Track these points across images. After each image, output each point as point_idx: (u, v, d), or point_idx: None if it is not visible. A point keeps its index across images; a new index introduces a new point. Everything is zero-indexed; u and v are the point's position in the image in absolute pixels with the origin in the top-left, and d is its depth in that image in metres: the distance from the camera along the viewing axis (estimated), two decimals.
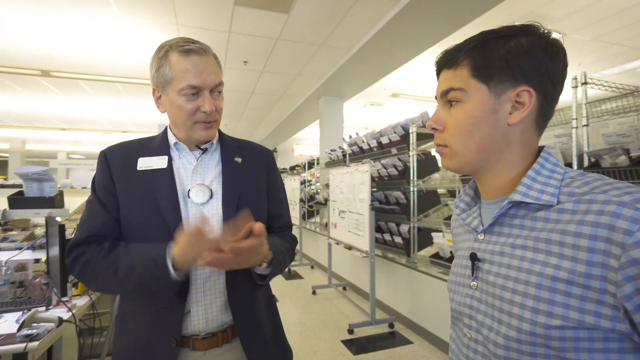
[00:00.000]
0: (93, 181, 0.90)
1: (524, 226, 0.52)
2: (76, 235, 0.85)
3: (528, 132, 0.54)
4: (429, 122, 0.59)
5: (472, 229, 0.61)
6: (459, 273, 0.62)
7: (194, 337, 0.84)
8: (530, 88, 0.51)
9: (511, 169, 0.55)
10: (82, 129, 8.74)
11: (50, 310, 1.76)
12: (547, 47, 0.51)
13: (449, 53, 0.56)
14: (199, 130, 0.86)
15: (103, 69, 4.93)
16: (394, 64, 4.62)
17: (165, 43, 0.85)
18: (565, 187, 0.50)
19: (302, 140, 12.17)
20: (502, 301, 0.51)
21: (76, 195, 2.11)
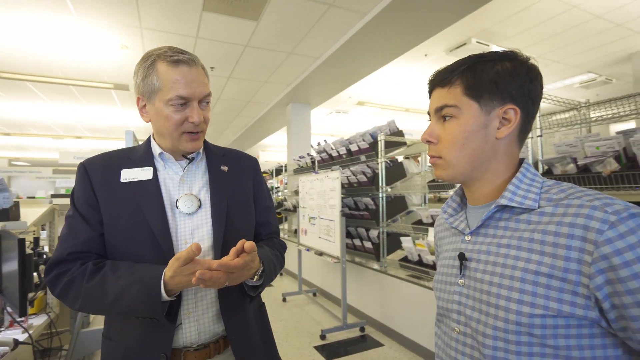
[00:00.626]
0: (72, 195, 0.86)
1: (508, 227, 0.58)
2: (57, 252, 0.81)
3: (511, 145, 0.61)
4: (424, 135, 0.64)
5: (459, 231, 0.67)
6: (446, 273, 0.67)
7: (186, 350, 0.83)
8: (516, 106, 0.58)
9: (497, 178, 0.62)
10: (28, 134, 8.06)
11: (2, 332, 1.62)
12: (529, 70, 0.59)
13: (442, 73, 0.62)
14: (186, 141, 0.86)
15: (55, 71, 4.61)
16: (360, 73, 4.76)
17: (152, 52, 0.84)
18: (545, 193, 0.57)
19: (268, 147, 12.08)
20: (490, 295, 0.56)
21: (33, 205, 1.95)
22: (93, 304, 0.77)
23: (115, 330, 0.86)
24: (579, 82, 5.80)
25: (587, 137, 1.72)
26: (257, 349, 0.92)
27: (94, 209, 0.83)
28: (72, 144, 10.07)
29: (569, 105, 1.94)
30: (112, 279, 0.76)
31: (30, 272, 1.43)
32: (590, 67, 5.20)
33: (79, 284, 0.76)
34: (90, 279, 0.76)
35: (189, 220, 0.87)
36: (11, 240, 1.45)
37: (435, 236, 0.80)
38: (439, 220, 0.78)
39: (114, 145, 10.43)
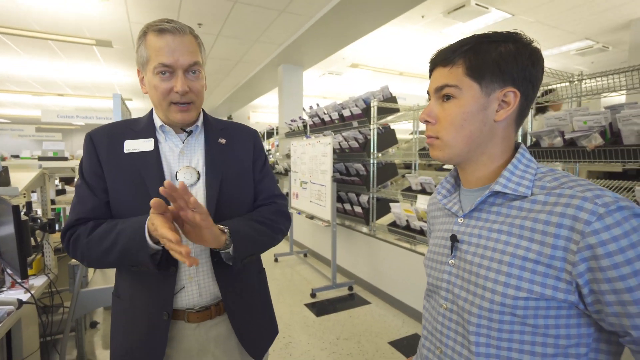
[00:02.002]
0: (80, 165, 0.90)
1: (500, 213, 0.60)
2: (67, 220, 0.87)
3: (509, 129, 0.61)
4: (422, 114, 0.64)
5: (452, 213, 0.68)
6: (437, 252, 0.70)
7: (189, 311, 0.89)
8: (516, 90, 0.58)
9: (492, 162, 0.62)
10: (5, 90, 7.69)
11: (5, 292, 1.67)
12: (532, 54, 0.58)
13: (444, 52, 0.61)
14: (174, 112, 0.86)
15: (31, 24, 4.33)
16: (354, 34, 4.60)
17: (147, 24, 0.84)
18: (538, 181, 0.58)
19: (258, 108, 11.84)
20: (478, 277, 0.58)
21: (21, 170, 1.93)
22: (94, 255, 0.82)
23: (123, 289, 0.92)
24: (575, 49, 5.72)
25: (576, 110, 1.75)
26: (252, 312, 0.98)
27: (99, 178, 0.87)
28: (55, 102, 9.68)
29: (562, 77, 1.94)
30: (107, 231, 0.81)
31: (28, 237, 1.46)
32: (587, 33, 5.11)
33: (82, 240, 0.83)
34: (90, 234, 0.83)
35: None
36: (4, 205, 1.45)
37: (428, 214, 0.82)
38: (432, 199, 0.80)
39: (99, 104, 10.08)
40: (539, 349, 0.54)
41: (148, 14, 4.09)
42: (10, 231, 1.46)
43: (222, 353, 0.93)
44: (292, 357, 2.27)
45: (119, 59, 5.91)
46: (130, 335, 0.89)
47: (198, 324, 0.90)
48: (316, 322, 2.75)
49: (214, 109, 11.09)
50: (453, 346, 0.63)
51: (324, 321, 2.76)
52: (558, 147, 1.74)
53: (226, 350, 0.94)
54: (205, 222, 0.74)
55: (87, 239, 0.83)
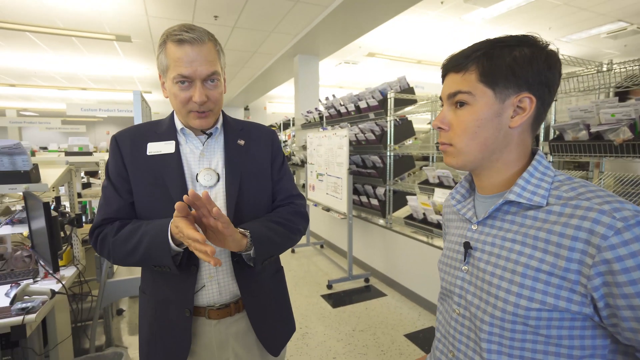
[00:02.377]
0: (107, 166, 0.95)
1: (514, 222, 0.59)
2: (95, 220, 0.92)
3: (524, 135, 0.60)
4: (435, 121, 0.63)
5: (466, 219, 0.67)
6: (451, 256, 0.69)
7: (210, 308, 0.93)
8: (531, 95, 0.56)
9: (508, 169, 0.61)
10: (33, 85, 7.98)
11: (39, 282, 1.77)
12: (548, 58, 0.56)
13: (456, 58, 0.60)
14: (193, 119, 0.89)
15: (55, 21, 4.45)
16: (371, 23, 4.51)
17: (167, 31, 0.85)
18: (554, 190, 0.57)
19: (274, 98, 11.85)
20: (490, 285, 0.58)
21: (50, 166, 2.02)
22: (119, 254, 0.87)
23: (148, 285, 0.97)
24: (606, 32, 5.42)
25: (603, 102, 1.67)
26: (270, 310, 1.01)
27: (124, 180, 0.91)
28: (78, 95, 9.99)
29: (589, 66, 1.86)
30: (131, 232, 0.85)
31: (58, 233, 1.53)
32: (620, 15, 4.83)
33: (109, 239, 0.87)
34: (116, 234, 0.87)
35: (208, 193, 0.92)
36: (35, 201, 1.53)
37: (443, 216, 0.82)
38: (447, 202, 0.79)
39: (120, 97, 10.33)
40: (552, 358, 0.53)
41: (165, 9, 4.13)
42: (42, 225, 1.54)
43: (242, 348, 0.97)
44: (308, 347, 2.32)
45: (138, 52, 6.01)
46: (156, 330, 0.93)
47: (218, 321, 0.94)
48: (332, 313, 2.79)
49: (230, 100, 11.18)
50: (465, 351, 0.63)
51: (340, 312, 2.80)
52: (583, 140, 1.68)
53: (245, 345, 0.97)
54: (228, 230, 0.77)
55: (113, 239, 0.87)
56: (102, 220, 0.90)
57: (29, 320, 1.44)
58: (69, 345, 1.93)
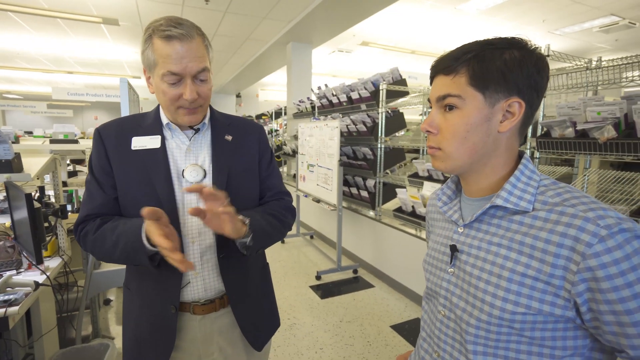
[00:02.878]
0: (90, 161, 0.92)
1: (500, 226, 0.59)
2: (79, 215, 0.90)
3: (512, 139, 0.60)
4: (424, 124, 0.62)
5: (452, 221, 0.67)
6: (437, 257, 0.69)
7: (194, 304, 0.93)
8: (520, 99, 0.56)
9: (495, 173, 0.61)
10: (17, 67, 7.73)
11: (22, 273, 1.75)
12: (537, 61, 0.56)
13: (446, 60, 0.59)
14: (182, 115, 0.87)
15: (39, 2, 4.29)
16: (365, 11, 4.44)
17: (152, 24, 0.82)
18: (540, 195, 0.57)
19: (267, 85, 11.70)
20: (477, 289, 0.58)
21: (33, 155, 1.97)
22: (99, 251, 0.87)
23: (132, 281, 0.96)
24: (599, 26, 5.43)
25: (590, 100, 1.69)
26: (255, 306, 1.02)
27: (107, 174, 0.89)
28: (65, 79, 9.72)
29: (578, 64, 1.86)
30: (109, 231, 0.85)
31: (41, 224, 1.51)
32: (614, 9, 4.84)
33: (90, 236, 0.87)
34: (96, 232, 0.86)
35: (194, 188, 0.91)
36: (17, 191, 1.50)
37: (427, 214, 0.82)
38: (432, 200, 0.79)
39: (109, 82, 10.08)
40: (535, 358, 0.55)
41: None
42: (24, 216, 1.51)
43: (226, 343, 0.98)
44: (295, 338, 2.35)
45: (126, 36, 5.85)
46: (141, 326, 0.93)
47: (203, 316, 0.94)
48: (320, 304, 2.82)
49: (222, 87, 11.00)
50: (451, 352, 0.64)
51: (328, 303, 2.83)
52: (569, 138, 1.69)
53: (230, 340, 0.98)
54: (232, 218, 0.77)
55: (92, 237, 0.86)
56: (85, 217, 0.89)
57: (11, 312, 1.43)
58: (55, 336, 1.92)
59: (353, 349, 2.24)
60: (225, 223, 0.77)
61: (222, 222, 0.77)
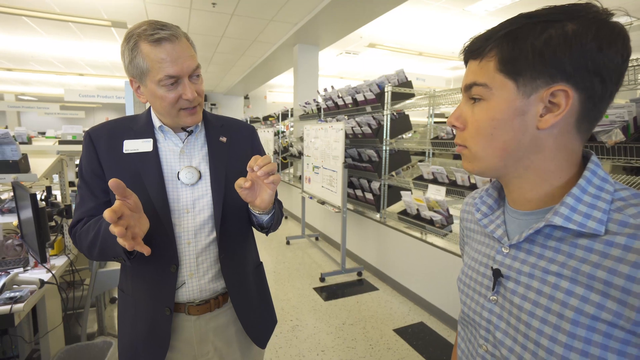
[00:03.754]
0: (80, 165, 0.92)
1: (559, 250, 0.46)
2: (72, 219, 0.92)
3: (566, 138, 0.46)
4: (450, 118, 0.53)
5: (495, 238, 0.56)
6: (475, 279, 0.58)
7: (189, 305, 0.93)
8: (569, 87, 0.43)
9: (546, 180, 0.48)
10: (31, 70, 7.90)
11: (29, 271, 1.78)
12: (599, 33, 0.41)
13: (476, 41, 0.49)
14: (185, 117, 0.87)
15: (51, 6, 4.38)
16: (372, 13, 4.44)
17: (133, 31, 0.81)
18: (617, 212, 0.43)
19: (275, 87, 11.75)
20: (529, 328, 0.47)
21: (40, 156, 2.02)
22: (85, 249, 0.88)
23: (126, 284, 0.97)
24: None
25: None
26: (254, 304, 1.03)
27: (99, 178, 0.89)
28: (77, 81, 9.91)
29: None
30: (92, 224, 0.86)
31: (46, 224, 1.53)
32: (628, 9, 4.73)
33: (78, 236, 0.89)
34: (81, 229, 0.89)
35: (190, 191, 0.92)
36: (24, 191, 1.53)
37: (461, 222, 0.69)
38: (467, 206, 0.67)
39: (119, 84, 10.24)
40: None
41: None
42: (30, 215, 1.54)
43: (221, 342, 0.98)
44: (297, 339, 2.35)
45: None
46: (135, 328, 0.94)
47: (198, 317, 0.94)
48: (324, 306, 2.81)
49: (230, 88, 11.08)
50: None
51: (331, 306, 2.82)
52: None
53: (225, 339, 0.99)
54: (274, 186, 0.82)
55: (79, 234, 0.89)
56: (77, 221, 0.91)
57: (16, 309, 1.45)
58: (60, 333, 1.95)
59: (355, 352, 2.22)
60: (264, 192, 0.83)
61: (262, 190, 0.83)
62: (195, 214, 0.91)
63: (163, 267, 0.89)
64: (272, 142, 5.66)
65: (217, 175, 0.93)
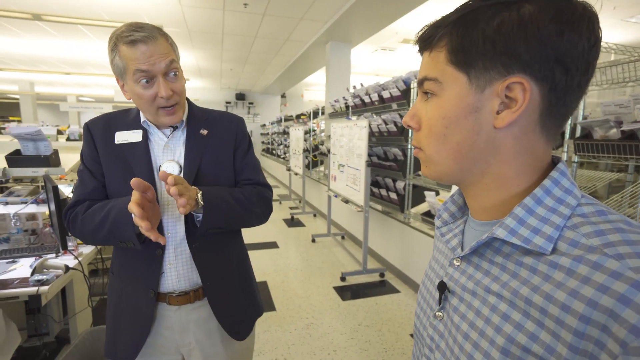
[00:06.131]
0: (82, 152, 0.99)
1: (505, 268, 0.41)
2: (69, 202, 0.97)
3: (528, 138, 0.40)
4: (405, 117, 0.47)
5: (449, 249, 0.51)
6: (429, 290, 0.53)
7: (170, 295, 0.96)
8: (526, 79, 0.37)
9: (503, 187, 0.42)
10: (87, 73, 8.63)
11: (60, 257, 1.94)
12: (559, 16, 0.35)
13: (428, 29, 0.43)
14: (163, 116, 0.91)
15: (100, 14, 4.74)
16: (404, 6, 4.30)
17: (114, 33, 0.85)
18: (570, 230, 0.37)
19: (311, 86, 11.82)
20: (462, 351, 0.43)
21: (71, 151, 2.18)
22: (87, 229, 0.91)
23: (116, 266, 1.02)
24: None
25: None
26: (232, 297, 1.03)
27: (97, 164, 0.96)
28: None
29: (632, 54, 1.62)
30: (99, 208, 0.90)
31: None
32: None
33: (79, 217, 0.93)
34: (86, 212, 0.92)
35: None
36: (50, 183, 1.66)
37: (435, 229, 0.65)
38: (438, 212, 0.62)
39: None
40: None
41: None
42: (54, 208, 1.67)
43: (202, 334, 1.00)
44: (311, 337, 2.33)
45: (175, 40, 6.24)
46: (120, 308, 0.98)
47: (179, 307, 0.97)
48: (342, 305, 2.78)
49: (267, 87, 11.33)
50: None
51: (349, 306, 2.78)
52: (612, 140, 1.48)
53: (206, 331, 1.00)
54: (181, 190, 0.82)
55: (82, 216, 0.92)
56: (75, 202, 0.95)
57: (42, 291, 1.58)
58: (88, 315, 2.10)
59: (367, 354, 2.17)
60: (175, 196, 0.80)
61: (174, 195, 0.80)
62: (173, 207, 0.94)
63: (150, 250, 0.92)
64: (302, 140, 5.69)
65: (190, 167, 0.95)
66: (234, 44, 6.34)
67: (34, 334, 1.93)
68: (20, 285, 1.62)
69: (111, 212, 0.87)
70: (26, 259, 1.89)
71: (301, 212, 5.86)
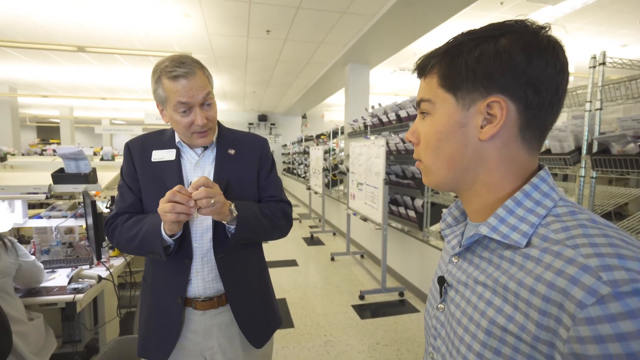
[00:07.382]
0: (121, 169, 1.10)
1: (491, 262, 0.48)
2: (110, 213, 1.08)
3: (510, 149, 0.47)
4: (407, 134, 0.56)
5: (450, 248, 0.58)
6: (435, 285, 0.59)
7: (195, 300, 1.04)
8: (503, 98, 0.44)
9: (491, 192, 0.49)
10: (121, 98, 9.21)
11: (93, 268, 2.07)
12: (526, 47, 0.43)
13: (423, 59, 0.52)
14: (196, 139, 1.02)
15: (135, 43, 5.13)
16: (421, 29, 4.41)
17: (158, 66, 0.97)
18: (543, 227, 0.43)
19: (331, 106, 12.06)
20: (455, 336, 0.49)
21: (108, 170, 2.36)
22: (123, 240, 1.02)
23: (149, 274, 1.11)
24: None
25: None
26: (253, 307, 1.09)
27: (135, 180, 1.07)
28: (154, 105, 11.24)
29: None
30: (136, 221, 1.00)
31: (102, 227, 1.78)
32: None
33: (118, 228, 1.03)
34: (124, 224, 1.02)
35: None
36: (89, 199, 1.80)
37: None
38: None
39: None
40: None
41: (223, 26, 4.52)
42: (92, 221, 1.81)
43: (224, 338, 1.06)
44: (328, 355, 2.33)
45: None
46: (152, 314, 1.07)
47: (204, 312, 1.04)
48: (360, 324, 2.76)
49: (288, 108, 11.64)
50: None
51: (367, 324, 2.76)
52: (630, 155, 1.47)
53: (228, 336, 1.07)
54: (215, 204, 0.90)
55: (120, 228, 1.02)
56: (115, 214, 1.06)
57: (78, 299, 1.70)
58: (116, 326, 2.21)
59: None
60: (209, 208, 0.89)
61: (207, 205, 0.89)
62: (202, 218, 1.02)
63: (179, 260, 1.01)
64: (321, 160, 5.80)
65: (219, 182, 1.03)
66: (257, 68, 6.64)
67: (68, 341, 2.04)
68: (59, 293, 1.74)
69: (144, 227, 0.97)
70: (63, 269, 2.03)
71: (321, 230, 5.89)
